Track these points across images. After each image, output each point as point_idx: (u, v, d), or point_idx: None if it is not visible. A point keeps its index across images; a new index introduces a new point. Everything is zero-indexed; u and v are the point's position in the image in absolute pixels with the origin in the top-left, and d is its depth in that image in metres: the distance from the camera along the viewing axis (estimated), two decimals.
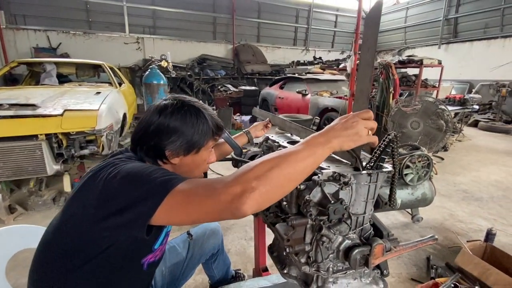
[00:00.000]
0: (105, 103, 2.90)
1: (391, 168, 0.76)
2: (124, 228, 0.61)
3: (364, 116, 0.63)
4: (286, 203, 0.81)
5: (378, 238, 0.74)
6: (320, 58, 10.83)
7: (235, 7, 9.96)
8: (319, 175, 0.71)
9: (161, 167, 0.74)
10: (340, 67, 6.96)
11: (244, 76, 9.62)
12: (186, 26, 9.66)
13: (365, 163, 0.75)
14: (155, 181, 0.60)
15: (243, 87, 7.98)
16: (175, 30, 9.48)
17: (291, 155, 0.56)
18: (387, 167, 0.76)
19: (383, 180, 0.76)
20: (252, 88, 7.89)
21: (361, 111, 0.64)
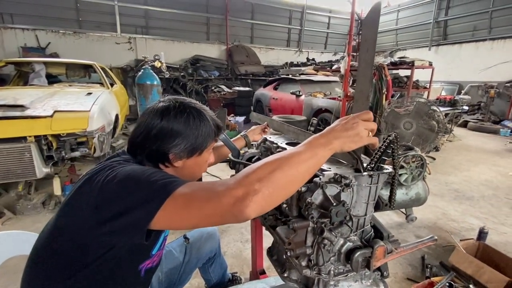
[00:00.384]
0: (96, 104, 2.85)
1: (391, 169, 0.76)
2: (122, 233, 0.59)
3: (364, 117, 0.62)
4: (286, 206, 0.80)
5: (379, 240, 0.73)
6: (313, 60, 10.89)
7: (229, 8, 9.93)
8: (320, 177, 0.70)
9: (160, 170, 0.72)
10: (333, 68, 7.00)
11: (237, 77, 9.59)
12: (179, 27, 9.56)
13: (365, 164, 0.75)
14: (154, 184, 0.58)
15: (237, 88, 7.96)
16: (168, 30, 9.37)
17: (293, 157, 0.55)
18: (388, 168, 0.76)
19: (383, 181, 0.76)
20: (246, 89, 7.87)
21: (361, 113, 0.64)
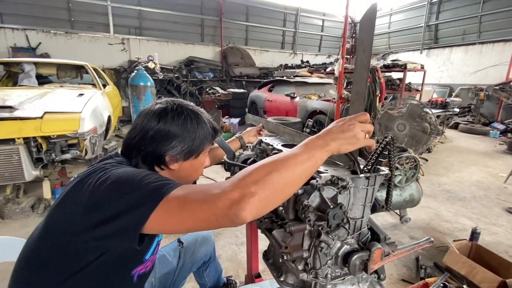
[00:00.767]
0: (88, 105, 2.80)
1: (387, 170, 0.76)
2: (114, 238, 0.56)
3: (361, 119, 0.62)
4: (282, 209, 0.79)
5: (377, 243, 0.73)
6: (307, 62, 10.99)
7: (223, 10, 9.93)
8: (317, 179, 0.69)
9: (154, 172, 0.70)
10: (327, 70, 7.05)
11: (232, 78, 9.58)
12: (173, 28, 9.51)
13: (361, 166, 0.74)
14: (147, 186, 0.56)
15: (231, 90, 7.94)
16: (161, 32, 9.30)
17: (290, 159, 0.54)
18: (384, 169, 0.75)
19: (380, 183, 0.76)
20: (241, 90, 7.87)
21: (357, 114, 0.64)
